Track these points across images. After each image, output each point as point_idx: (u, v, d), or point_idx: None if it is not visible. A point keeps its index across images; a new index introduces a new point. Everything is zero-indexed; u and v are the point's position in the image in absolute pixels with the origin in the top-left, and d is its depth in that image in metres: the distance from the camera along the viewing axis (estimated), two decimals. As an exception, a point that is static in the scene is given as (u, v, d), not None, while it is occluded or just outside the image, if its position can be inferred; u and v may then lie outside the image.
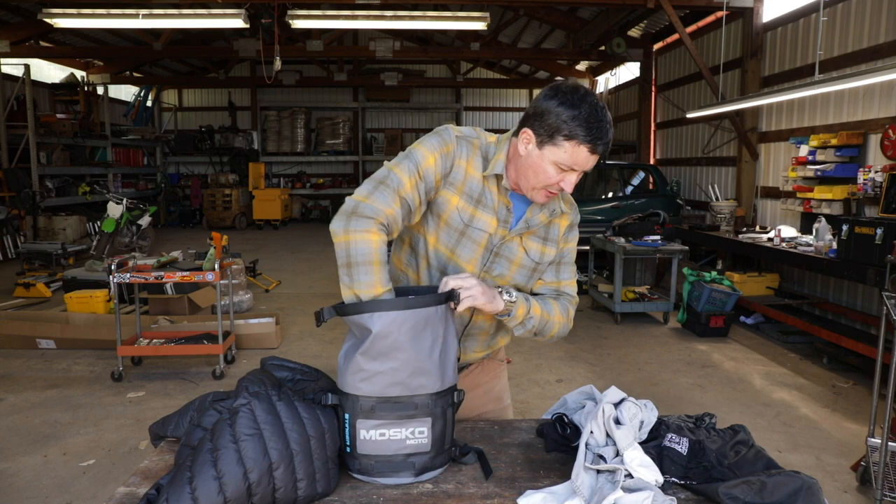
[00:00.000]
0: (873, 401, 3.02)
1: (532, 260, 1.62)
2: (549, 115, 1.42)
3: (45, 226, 10.73)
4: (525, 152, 1.48)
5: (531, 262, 1.62)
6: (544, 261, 1.64)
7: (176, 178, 17.29)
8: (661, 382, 4.77)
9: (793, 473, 1.26)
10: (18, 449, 3.58)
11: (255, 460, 1.18)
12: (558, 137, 1.41)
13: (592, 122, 1.39)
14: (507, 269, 1.61)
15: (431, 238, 1.57)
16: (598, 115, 1.40)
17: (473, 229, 1.55)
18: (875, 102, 5.72)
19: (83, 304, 5.81)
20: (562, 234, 1.66)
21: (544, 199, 1.53)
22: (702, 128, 9.30)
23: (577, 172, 1.47)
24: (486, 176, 1.54)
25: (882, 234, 4.36)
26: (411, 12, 8.20)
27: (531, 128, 1.46)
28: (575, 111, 1.39)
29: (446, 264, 1.59)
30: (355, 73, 15.81)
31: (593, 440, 1.33)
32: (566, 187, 1.49)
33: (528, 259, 1.62)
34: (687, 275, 6.20)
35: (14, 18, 10.86)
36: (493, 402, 1.84)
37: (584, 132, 1.39)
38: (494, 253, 1.58)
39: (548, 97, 1.43)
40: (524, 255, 1.60)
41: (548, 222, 1.62)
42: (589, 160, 1.44)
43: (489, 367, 1.83)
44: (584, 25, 11.22)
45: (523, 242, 1.60)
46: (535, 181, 1.49)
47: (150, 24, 8.07)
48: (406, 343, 1.28)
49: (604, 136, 1.41)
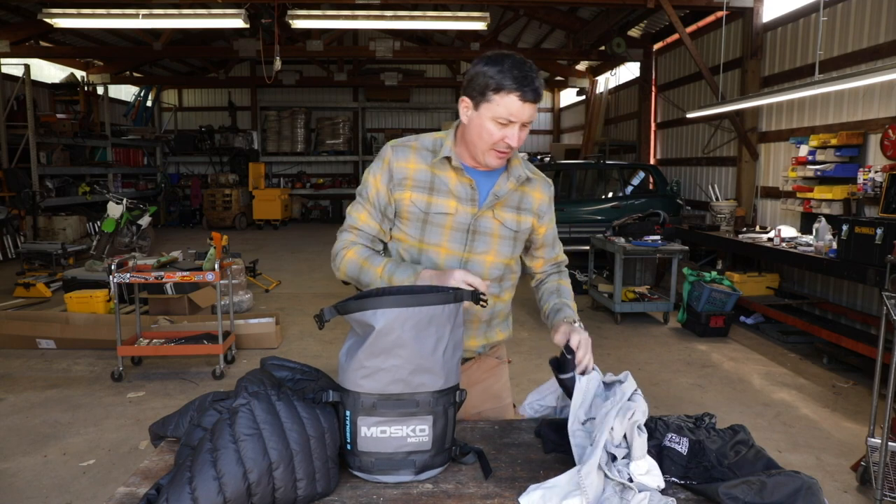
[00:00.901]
0: (873, 401, 3.02)
1: (510, 230, 1.71)
2: (478, 76, 1.54)
3: (45, 226, 10.73)
4: (467, 119, 1.60)
5: (510, 232, 1.71)
6: (522, 228, 1.73)
7: (176, 178, 17.29)
8: (661, 382, 4.77)
9: (793, 473, 1.26)
10: (18, 449, 3.58)
11: (255, 460, 1.18)
12: (489, 93, 1.52)
13: (516, 72, 1.50)
14: (490, 244, 1.69)
15: (400, 236, 1.70)
16: (522, 66, 1.52)
17: (433, 214, 1.65)
18: (875, 102, 5.72)
19: (83, 304, 5.81)
20: (537, 208, 1.75)
21: (496, 160, 1.61)
22: (702, 128, 9.30)
23: (517, 125, 1.55)
24: (433, 164, 1.65)
25: (882, 234, 4.36)
26: (411, 12, 8.20)
27: (466, 94, 1.58)
28: (499, 66, 1.51)
29: (418, 255, 1.69)
30: (355, 73, 15.81)
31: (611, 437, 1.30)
32: (511, 142, 1.56)
33: (506, 230, 1.70)
34: (687, 275, 6.20)
35: (14, 18, 10.86)
36: (491, 401, 1.85)
37: (511, 81, 1.50)
38: (472, 232, 1.67)
39: (475, 64, 1.57)
40: (500, 226, 1.69)
41: (516, 190, 1.70)
42: (523, 109, 1.53)
43: (487, 364, 1.85)
44: (584, 25, 11.22)
45: (496, 215, 1.68)
46: (481, 144, 1.58)
47: (150, 24, 8.07)
48: (409, 340, 1.28)
49: (530, 83, 1.51)
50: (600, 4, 9.30)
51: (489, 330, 1.78)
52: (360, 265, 1.62)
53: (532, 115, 1.56)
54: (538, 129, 18.19)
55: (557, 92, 17.62)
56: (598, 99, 13.59)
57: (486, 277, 1.68)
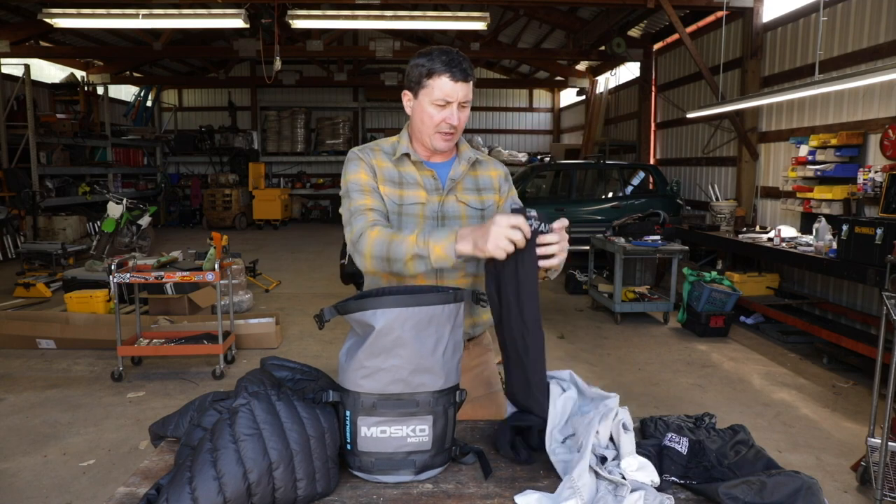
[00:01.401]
0: (873, 401, 3.02)
1: (476, 209, 1.82)
2: (412, 69, 1.71)
3: (45, 226, 10.73)
4: (410, 110, 1.75)
5: (476, 212, 1.82)
6: (487, 205, 1.83)
7: (176, 178, 17.29)
8: (661, 382, 4.77)
9: (793, 473, 1.25)
10: (18, 449, 3.58)
11: (255, 460, 1.18)
12: (423, 80, 1.68)
13: (444, 57, 1.66)
14: (459, 225, 1.78)
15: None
16: (449, 52, 1.67)
17: (407, 206, 1.76)
18: (875, 102, 5.72)
19: (83, 304, 5.81)
20: (496, 183, 1.87)
21: (443, 142, 1.73)
22: (702, 128, 9.30)
23: (454, 104, 1.68)
24: (395, 161, 1.78)
25: (882, 234, 4.36)
26: (411, 12, 8.20)
27: (406, 88, 1.74)
28: (427, 56, 1.68)
29: None
30: (355, 73, 15.81)
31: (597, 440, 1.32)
32: (453, 121, 1.69)
33: (472, 210, 1.81)
34: (687, 275, 6.20)
35: (14, 18, 10.86)
36: (483, 387, 1.92)
37: (440, 65, 1.65)
38: (441, 217, 1.78)
39: (410, 62, 1.73)
40: (466, 207, 1.81)
41: (470, 172, 1.84)
42: (455, 88, 1.66)
43: (475, 351, 1.92)
44: (584, 25, 11.22)
45: (459, 198, 1.80)
46: (425, 129, 1.72)
47: (150, 24, 8.07)
48: (409, 340, 1.28)
49: (457, 63, 1.65)
50: (600, 4, 9.30)
51: (473, 308, 1.84)
52: (390, 240, 1.54)
53: (466, 94, 1.68)
54: (538, 130, 18.19)
55: (557, 92, 17.62)
56: (598, 99, 13.59)
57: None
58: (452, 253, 1.43)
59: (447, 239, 1.45)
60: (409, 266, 1.51)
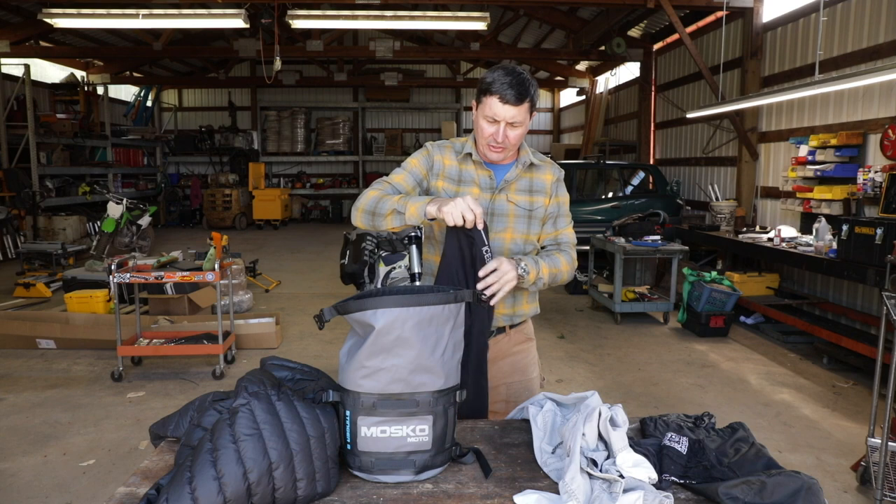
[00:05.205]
0: (873, 401, 3.02)
1: (524, 209, 1.94)
2: (480, 82, 1.81)
3: (45, 226, 10.73)
4: (474, 118, 1.89)
5: (524, 212, 1.94)
6: (535, 207, 1.95)
7: (176, 178, 17.28)
8: (661, 382, 4.77)
9: (793, 473, 1.26)
10: (18, 449, 3.58)
11: (255, 460, 1.18)
12: (481, 95, 1.81)
13: (500, 78, 1.75)
14: (506, 223, 1.93)
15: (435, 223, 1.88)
16: (507, 73, 1.75)
17: None
18: (875, 102, 5.72)
19: (83, 304, 5.81)
20: (549, 187, 1.98)
21: (492, 152, 1.86)
22: (702, 128, 9.30)
23: (502, 123, 1.78)
24: (460, 161, 1.94)
25: (882, 234, 4.36)
26: (411, 12, 8.20)
27: (475, 98, 1.87)
28: (492, 75, 1.77)
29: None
30: (355, 73, 15.80)
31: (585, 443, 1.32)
32: (498, 138, 1.81)
33: (520, 209, 1.94)
34: (687, 275, 6.20)
35: (14, 18, 10.85)
36: (518, 374, 2.02)
37: (494, 86, 1.75)
38: (491, 213, 1.91)
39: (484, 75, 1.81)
40: (514, 206, 1.93)
41: (525, 174, 1.95)
42: (504, 110, 1.76)
43: (517, 338, 2.03)
44: (584, 25, 11.22)
45: (509, 198, 1.93)
46: (479, 139, 1.88)
47: (150, 24, 8.07)
48: (409, 340, 1.28)
49: (507, 88, 1.73)
50: (600, 4, 9.30)
51: (515, 301, 1.97)
52: (379, 198, 1.77)
53: (515, 116, 1.77)
54: (538, 129, 18.19)
55: (557, 92, 17.62)
56: (597, 99, 13.59)
57: (507, 253, 1.92)
58: (423, 213, 1.66)
59: (422, 202, 1.68)
60: (388, 220, 1.73)
